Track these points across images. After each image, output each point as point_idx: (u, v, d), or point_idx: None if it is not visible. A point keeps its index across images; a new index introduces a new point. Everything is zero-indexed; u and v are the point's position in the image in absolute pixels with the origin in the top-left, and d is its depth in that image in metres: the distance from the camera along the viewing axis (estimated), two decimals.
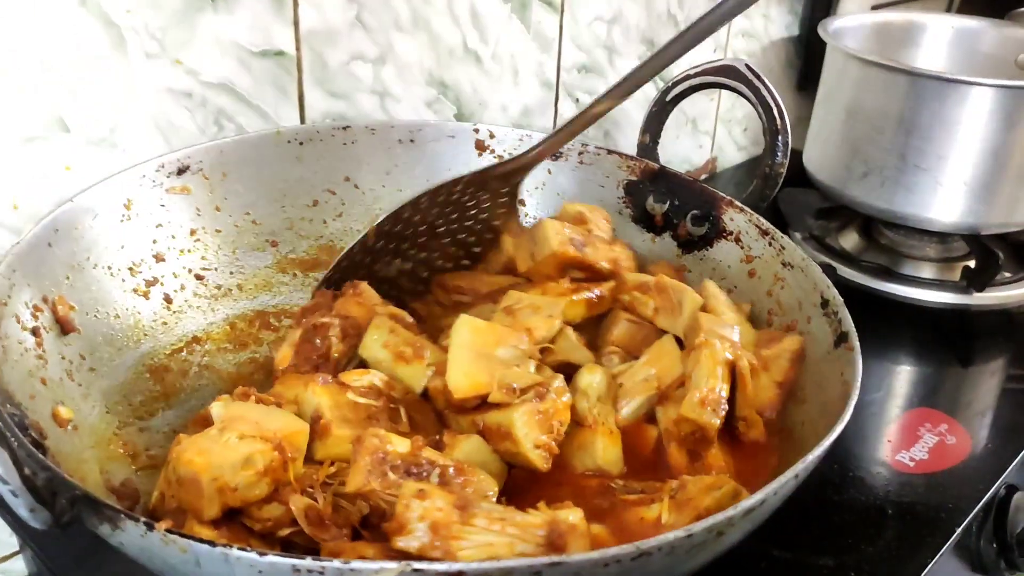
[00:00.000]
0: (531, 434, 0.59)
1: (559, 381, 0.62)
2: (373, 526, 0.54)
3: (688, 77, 0.82)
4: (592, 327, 0.73)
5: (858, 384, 0.57)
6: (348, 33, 0.89)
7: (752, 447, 0.65)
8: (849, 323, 0.64)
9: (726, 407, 0.62)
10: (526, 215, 0.89)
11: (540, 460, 0.59)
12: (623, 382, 0.67)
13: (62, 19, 0.70)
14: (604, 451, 0.62)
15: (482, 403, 0.61)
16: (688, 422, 0.62)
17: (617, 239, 0.79)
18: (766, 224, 0.76)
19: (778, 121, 0.76)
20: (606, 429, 0.63)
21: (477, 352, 0.62)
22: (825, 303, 0.67)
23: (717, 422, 0.62)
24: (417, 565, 0.42)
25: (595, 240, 0.76)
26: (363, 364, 0.67)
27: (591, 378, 0.65)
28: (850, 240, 1.17)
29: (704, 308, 0.70)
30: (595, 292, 0.73)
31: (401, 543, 0.50)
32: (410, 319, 0.70)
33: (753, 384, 0.64)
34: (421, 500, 0.50)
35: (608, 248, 0.76)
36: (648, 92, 1.24)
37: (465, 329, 0.63)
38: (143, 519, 0.44)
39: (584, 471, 0.63)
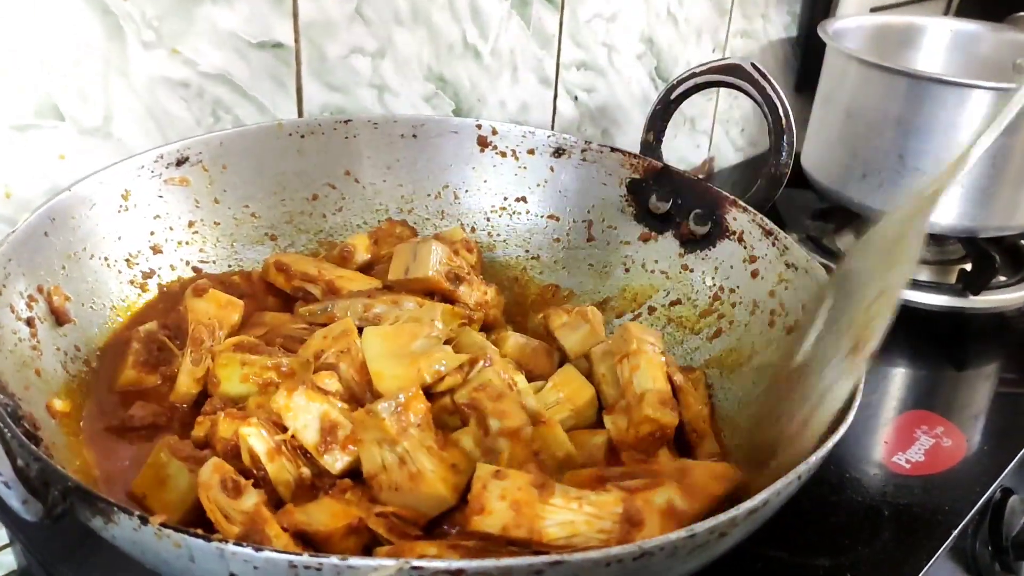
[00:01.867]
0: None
1: (491, 348, 0.63)
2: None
3: (693, 75, 0.81)
4: None
5: (861, 385, 0.56)
6: (347, 26, 0.88)
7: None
8: None
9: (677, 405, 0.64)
10: (527, 212, 0.88)
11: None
12: None
13: (58, 6, 0.69)
14: (560, 439, 0.61)
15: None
16: (650, 422, 0.62)
17: (491, 284, 0.78)
18: (770, 224, 0.75)
19: (783, 120, 0.75)
20: (548, 422, 0.62)
21: (393, 355, 0.62)
22: None
23: (676, 419, 0.63)
24: (416, 562, 0.41)
25: (472, 279, 0.75)
26: None
27: (517, 376, 0.64)
28: (847, 241, 1.16)
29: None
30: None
31: (482, 524, 0.50)
32: (254, 339, 0.67)
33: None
34: (500, 480, 0.51)
35: (481, 292, 0.75)
36: (648, 92, 1.24)
37: (374, 339, 0.64)
38: (137, 513, 0.43)
39: (556, 464, 0.61)
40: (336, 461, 0.56)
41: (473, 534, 0.51)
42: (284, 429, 0.57)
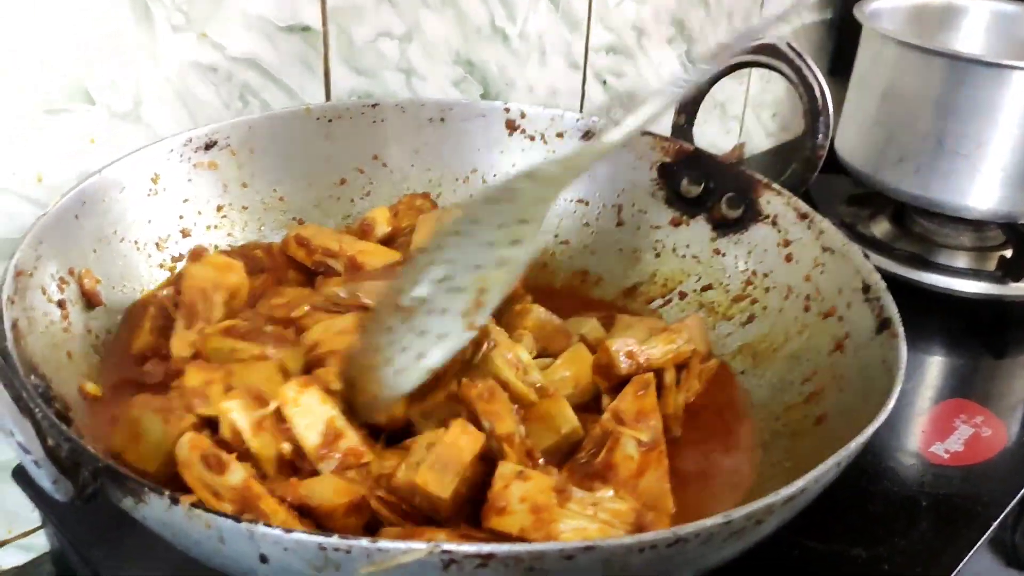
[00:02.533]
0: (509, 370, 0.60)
1: (495, 331, 0.62)
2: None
3: None
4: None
5: (902, 371, 0.55)
6: (375, 9, 0.87)
7: None
8: (892, 309, 0.62)
9: None
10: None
11: (530, 392, 0.59)
12: None
13: None
14: (567, 415, 0.60)
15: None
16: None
17: None
18: (805, 207, 0.74)
19: (820, 101, 0.74)
20: (553, 396, 0.61)
21: None
22: (867, 288, 0.66)
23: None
24: (447, 546, 0.40)
25: None
26: None
27: (522, 353, 0.62)
28: (882, 228, 1.14)
29: None
30: None
31: (501, 524, 0.49)
32: (246, 324, 0.64)
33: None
34: (523, 481, 0.50)
35: None
36: (678, 74, 1.22)
37: None
38: (167, 492, 0.43)
39: (559, 439, 0.60)
40: (331, 470, 0.55)
41: (486, 530, 0.50)
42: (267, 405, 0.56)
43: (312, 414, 0.55)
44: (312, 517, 0.52)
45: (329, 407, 0.56)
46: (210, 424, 0.56)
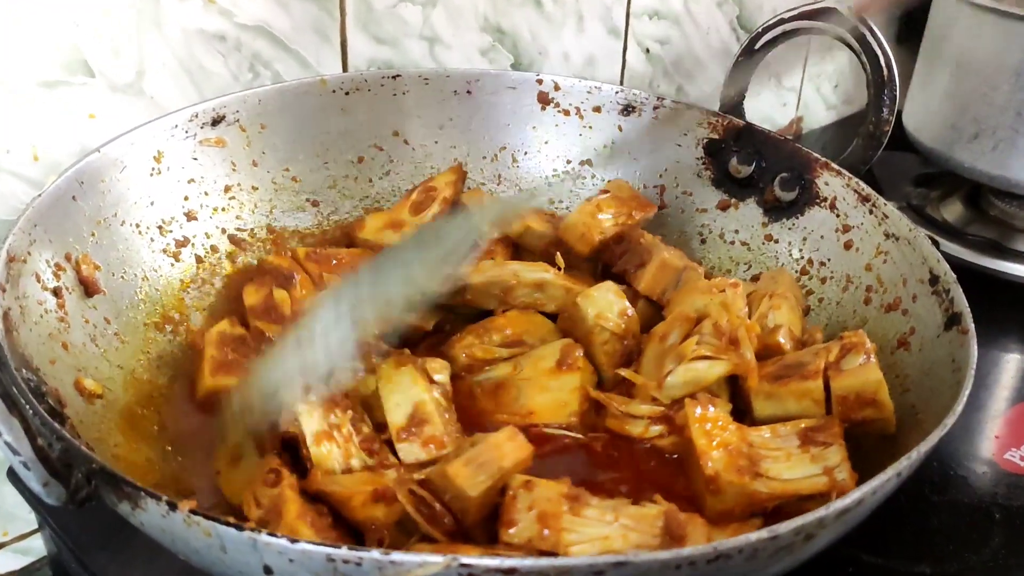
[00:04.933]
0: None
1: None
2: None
3: (781, 22, 0.78)
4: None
5: (972, 371, 0.54)
6: None
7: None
8: (963, 302, 0.61)
9: None
10: (592, 176, 0.86)
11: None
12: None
13: None
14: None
15: None
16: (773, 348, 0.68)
17: None
18: (867, 189, 0.73)
19: (884, 71, 0.72)
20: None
21: None
22: (935, 280, 0.65)
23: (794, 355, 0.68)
24: (465, 560, 0.40)
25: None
26: None
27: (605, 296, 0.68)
28: (954, 211, 1.12)
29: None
30: None
31: (509, 537, 0.50)
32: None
33: None
34: (528, 491, 0.52)
35: None
36: (729, 43, 1.21)
37: None
38: (165, 498, 0.43)
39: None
40: (411, 454, 0.57)
41: (508, 546, 0.51)
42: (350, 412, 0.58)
43: (404, 393, 0.59)
44: (331, 507, 0.53)
45: (421, 389, 0.59)
46: None
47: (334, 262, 0.77)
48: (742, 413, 0.64)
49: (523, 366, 0.66)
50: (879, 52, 0.73)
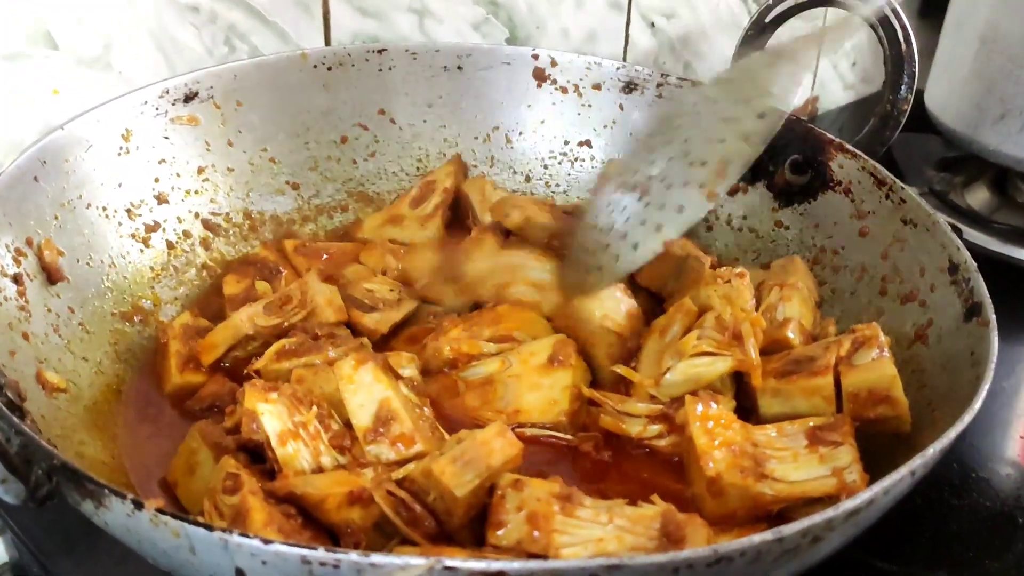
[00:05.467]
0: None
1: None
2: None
3: None
4: None
5: (992, 365, 0.55)
6: None
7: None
8: (983, 292, 0.61)
9: None
10: (592, 158, 0.86)
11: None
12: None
13: None
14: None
15: None
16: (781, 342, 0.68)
17: None
18: (884, 172, 0.73)
19: (903, 47, 0.72)
20: None
21: None
22: (954, 268, 0.65)
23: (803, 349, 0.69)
24: (450, 562, 0.40)
25: None
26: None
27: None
28: (979, 197, 1.12)
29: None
30: None
31: (497, 539, 0.51)
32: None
33: None
34: (517, 490, 0.52)
35: None
36: (739, 16, 1.21)
37: None
38: (131, 496, 0.43)
39: None
40: (380, 455, 0.57)
41: (497, 549, 0.51)
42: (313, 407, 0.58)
43: (366, 392, 0.58)
44: (303, 510, 0.53)
45: (384, 386, 0.59)
46: None
47: (324, 256, 0.78)
48: (747, 411, 0.64)
49: (512, 362, 0.66)
50: (898, 26, 0.73)
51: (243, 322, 0.67)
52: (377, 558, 0.40)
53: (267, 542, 0.41)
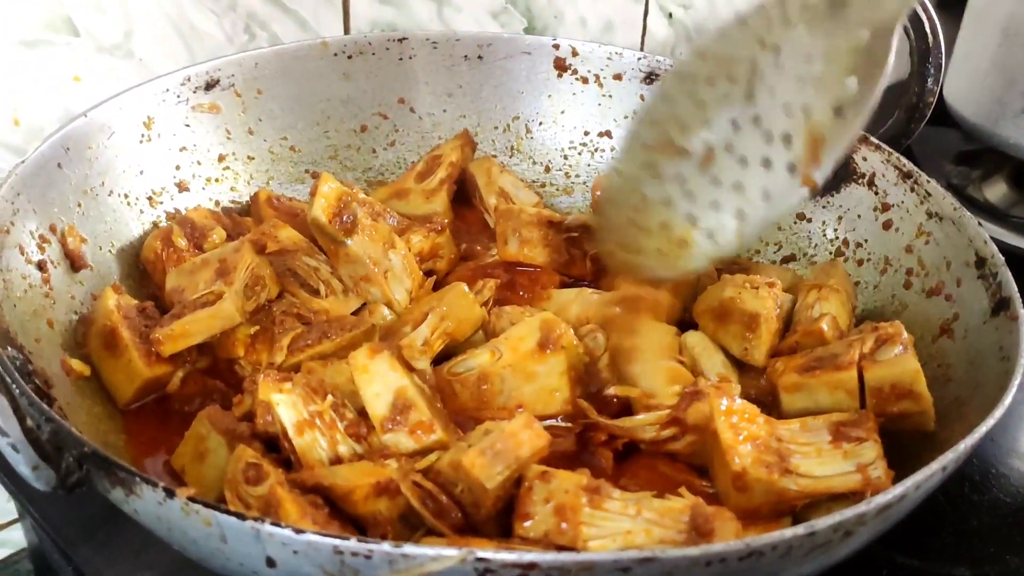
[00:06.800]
0: None
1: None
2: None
3: None
4: None
5: (1022, 359, 0.54)
6: None
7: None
8: (1012, 286, 0.61)
9: None
10: (612, 148, 0.86)
11: None
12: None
13: None
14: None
15: None
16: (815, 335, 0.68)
17: None
18: (909, 165, 0.73)
19: (929, 38, 0.72)
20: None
21: None
22: (981, 262, 0.65)
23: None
24: (482, 554, 0.40)
25: None
26: None
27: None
28: (997, 191, 1.12)
29: None
30: None
31: (524, 531, 0.51)
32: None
33: None
34: (545, 482, 0.52)
35: None
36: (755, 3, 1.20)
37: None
38: (162, 484, 0.43)
39: None
40: (398, 444, 0.57)
41: (524, 540, 0.51)
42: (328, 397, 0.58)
43: (382, 382, 0.58)
44: (331, 502, 0.53)
45: (400, 375, 0.59)
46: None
47: (298, 214, 0.75)
48: (766, 407, 0.64)
49: (502, 351, 0.64)
50: (923, 16, 0.72)
51: (235, 312, 0.63)
52: (409, 549, 0.40)
53: (299, 532, 0.41)
